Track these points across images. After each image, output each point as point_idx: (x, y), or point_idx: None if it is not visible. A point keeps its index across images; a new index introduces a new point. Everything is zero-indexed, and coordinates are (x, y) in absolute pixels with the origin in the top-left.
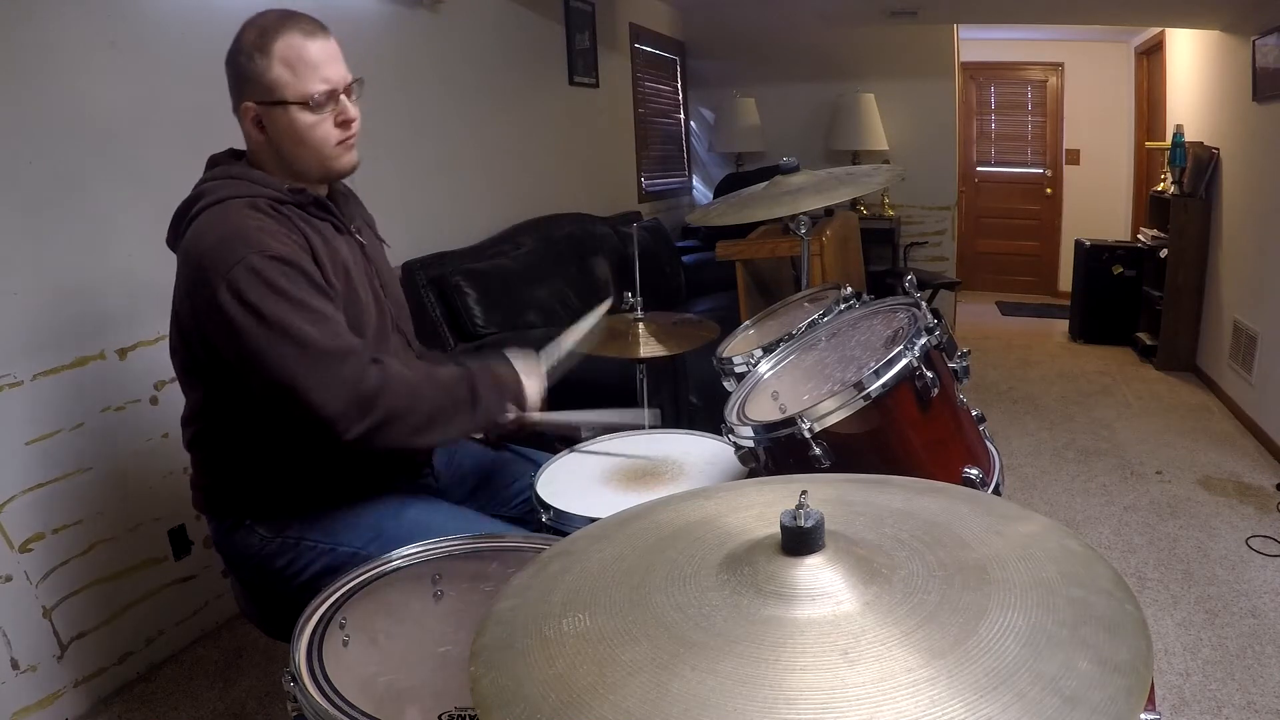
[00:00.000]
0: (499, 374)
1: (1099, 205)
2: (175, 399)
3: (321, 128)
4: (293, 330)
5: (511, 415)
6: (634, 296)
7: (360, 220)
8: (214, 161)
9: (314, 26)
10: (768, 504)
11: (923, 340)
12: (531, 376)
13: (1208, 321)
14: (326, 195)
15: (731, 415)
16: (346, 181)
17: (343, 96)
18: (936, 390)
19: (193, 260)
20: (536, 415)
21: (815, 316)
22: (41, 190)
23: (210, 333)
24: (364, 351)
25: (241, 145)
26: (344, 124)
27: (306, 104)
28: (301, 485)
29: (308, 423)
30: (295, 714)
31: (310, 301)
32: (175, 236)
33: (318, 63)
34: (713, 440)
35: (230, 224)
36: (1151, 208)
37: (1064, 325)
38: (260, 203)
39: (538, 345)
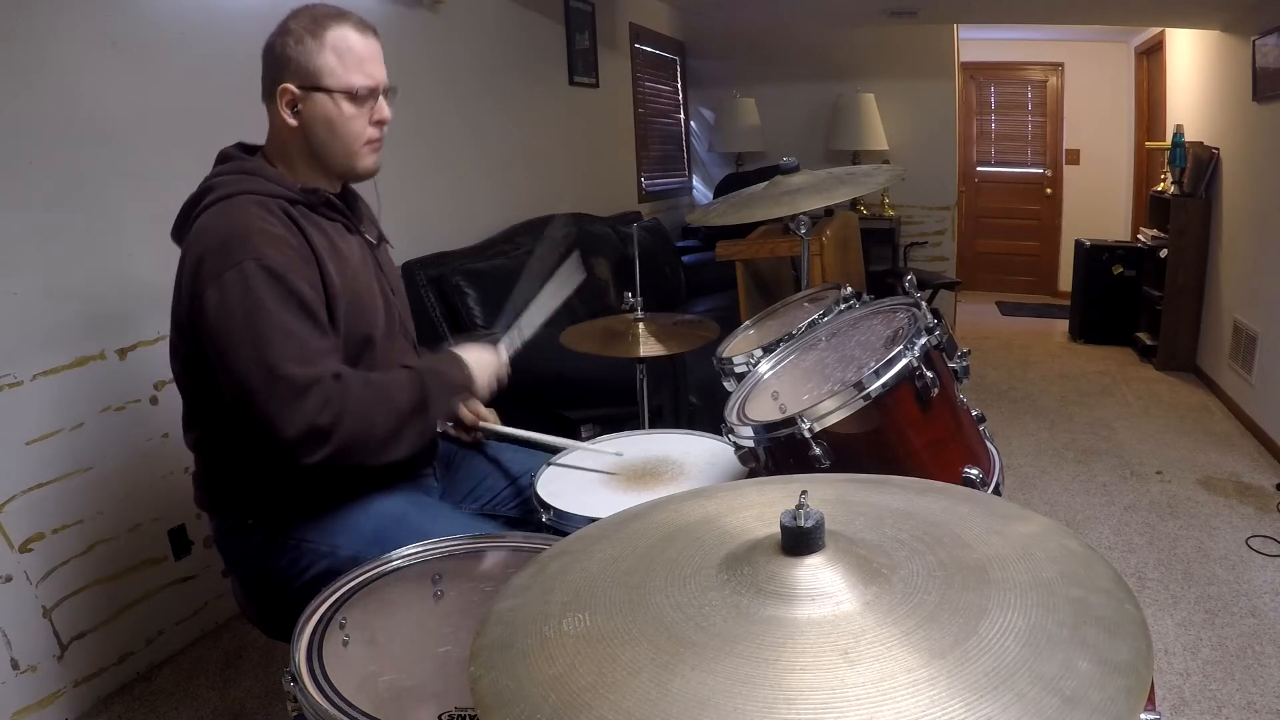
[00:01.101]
0: (446, 374)
1: (1099, 205)
2: (175, 399)
3: (357, 122)
4: (265, 349)
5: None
6: (634, 296)
7: (369, 221)
8: (224, 156)
9: (365, 25)
10: (768, 504)
11: (923, 340)
12: (484, 365)
13: (1208, 321)
14: (339, 194)
15: (731, 415)
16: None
17: (381, 98)
18: (936, 390)
19: (193, 255)
20: (487, 423)
21: (815, 316)
22: (41, 190)
23: (197, 329)
24: (328, 380)
25: (249, 139)
26: (378, 124)
27: (349, 94)
28: (303, 486)
29: (265, 441)
30: (295, 714)
31: (291, 324)
32: (180, 230)
33: (365, 58)
34: (713, 440)
35: (235, 223)
36: (1151, 208)
37: (1064, 325)
38: (269, 202)
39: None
